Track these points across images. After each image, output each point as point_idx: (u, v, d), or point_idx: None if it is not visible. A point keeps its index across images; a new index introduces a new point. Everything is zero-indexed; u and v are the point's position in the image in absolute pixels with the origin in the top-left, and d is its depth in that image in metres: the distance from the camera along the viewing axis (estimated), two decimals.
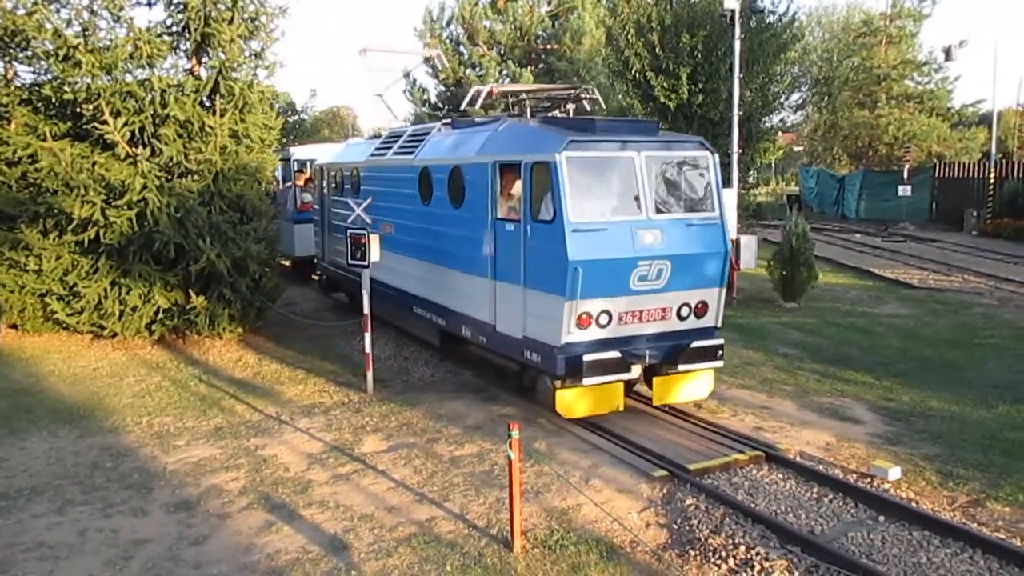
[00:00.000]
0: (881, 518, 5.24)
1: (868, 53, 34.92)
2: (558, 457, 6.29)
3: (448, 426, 7.13)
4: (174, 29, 10.62)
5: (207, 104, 10.61)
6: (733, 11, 16.18)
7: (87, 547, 5.05)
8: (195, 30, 10.34)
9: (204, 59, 10.87)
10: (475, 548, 4.90)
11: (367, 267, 8.26)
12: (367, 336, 8.33)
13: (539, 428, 7.01)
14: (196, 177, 10.25)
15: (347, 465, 6.29)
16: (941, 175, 28.53)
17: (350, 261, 8.30)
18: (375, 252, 8.10)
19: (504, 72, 31.50)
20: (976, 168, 27.36)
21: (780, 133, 25.41)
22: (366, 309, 8.47)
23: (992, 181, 25.61)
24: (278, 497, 5.72)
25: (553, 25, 32.12)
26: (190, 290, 10.20)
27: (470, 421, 7.25)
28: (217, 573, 4.72)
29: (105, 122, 9.72)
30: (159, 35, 10.42)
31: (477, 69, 31.84)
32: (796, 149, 41.47)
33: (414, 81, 33.50)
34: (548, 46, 32.39)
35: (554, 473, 5.82)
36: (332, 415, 7.54)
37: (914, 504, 5.43)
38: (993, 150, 26.85)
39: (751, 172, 21.56)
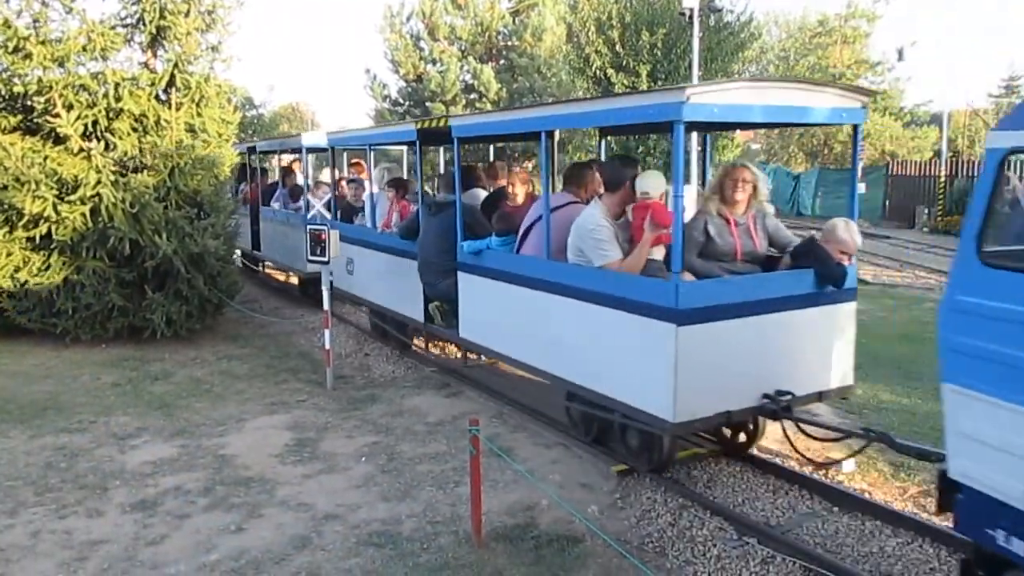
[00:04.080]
0: (835, 509, 5.35)
1: (824, 53, 35.55)
2: (520, 452, 6.33)
3: (411, 423, 7.13)
4: (128, 21, 10.42)
5: (163, 98, 10.45)
6: (692, 10, 16.38)
7: (40, 549, 4.96)
8: (150, 22, 10.16)
9: (159, 52, 10.70)
10: (439, 545, 4.91)
11: (327, 263, 8.22)
12: (327, 333, 8.28)
13: (502, 424, 7.04)
14: (152, 172, 10.08)
15: (309, 464, 6.25)
16: (894, 173, 29.16)
17: (310, 257, 8.24)
18: (334, 248, 8.05)
19: (465, 68, 31.48)
20: (927, 167, 28.02)
21: (738, 131, 25.70)
22: (326, 305, 8.43)
23: (943, 179, 26.25)
24: (239, 497, 5.67)
25: (514, 21, 32.14)
26: (145, 287, 10.05)
27: (433, 417, 7.25)
28: (175, 573, 4.67)
29: (57, 115, 9.53)
30: (113, 27, 10.22)
31: (438, 65, 31.78)
32: (754, 147, 42.05)
33: (374, 77, 33.31)
34: (509, 42, 32.41)
35: (516, 468, 5.85)
36: (293, 413, 7.49)
37: (867, 495, 5.56)
38: (944, 149, 27.52)
39: (709, 169, 21.79)
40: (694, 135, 16.59)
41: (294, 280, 14.56)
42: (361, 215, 10.37)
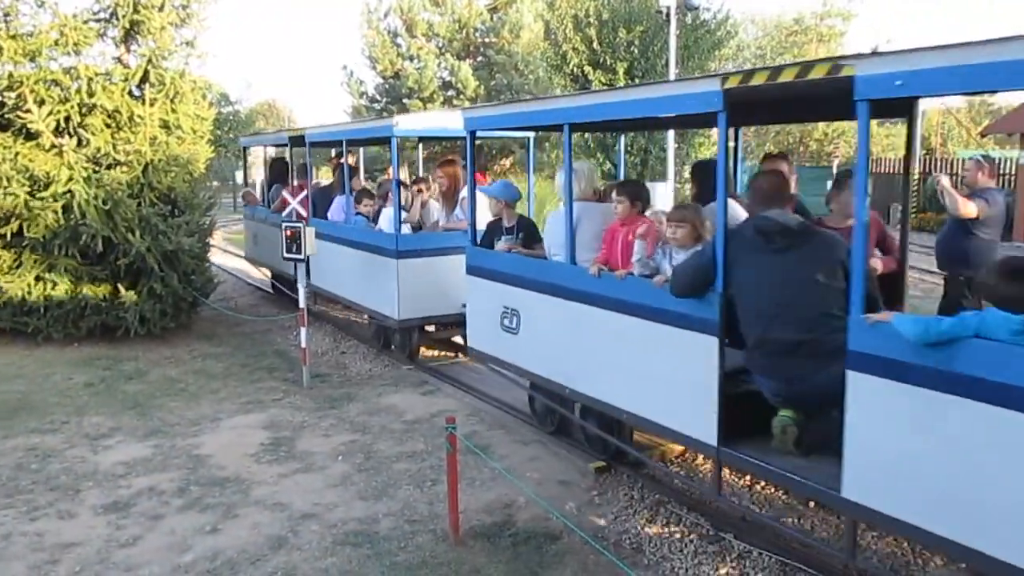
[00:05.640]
0: (812, 504, 5.38)
1: (800, 51, 35.79)
2: (498, 450, 6.32)
3: (388, 421, 7.10)
4: (102, 16, 10.27)
5: (137, 93, 10.32)
6: (669, 7, 16.44)
7: (10, 551, 4.88)
8: (124, 17, 10.03)
9: (133, 47, 10.55)
10: (416, 543, 4.89)
11: (304, 260, 8.18)
12: (303, 331, 8.23)
13: (480, 421, 7.02)
14: (125, 168, 9.95)
15: (286, 463, 6.21)
16: (869, 171, 29.38)
17: (285, 255, 8.19)
18: (310, 245, 8.01)
19: (443, 65, 31.38)
20: (901, 164, 28.29)
21: (713, 129, 25.85)
22: (302, 303, 8.38)
23: (916, 177, 26.51)
24: (215, 497, 5.61)
25: (492, 18, 32.07)
26: (119, 285, 9.92)
27: (410, 416, 7.23)
28: (149, 575, 4.62)
29: (29, 111, 9.38)
30: (86, 21, 10.06)
31: (415, 61, 31.63)
32: (729, 144, 42.27)
33: (351, 73, 33.14)
34: (487, 39, 32.33)
35: (494, 466, 5.84)
36: (269, 412, 7.43)
37: None
38: (918, 147, 27.80)
39: (686, 165, 21.89)
40: (670, 131, 16.70)
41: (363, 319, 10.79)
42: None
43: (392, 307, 8.60)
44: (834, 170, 27.86)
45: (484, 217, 7.31)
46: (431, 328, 9.34)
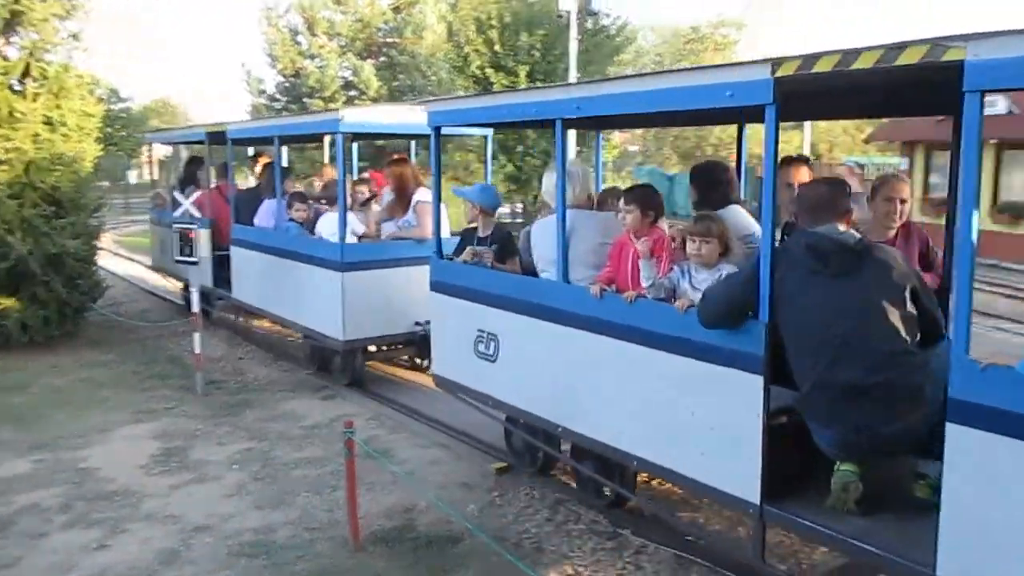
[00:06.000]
0: (706, 499, 5.54)
1: (696, 59, 36.87)
2: (399, 454, 6.29)
3: (286, 427, 6.97)
4: None
5: (18, 88, 9.81)
6: (569, 12, 16.69)
7: None
8: (3, 6, 9.52)
9: (13, 39, 10.03)
10: (315, 551, 4.82)
11: (196, 263, 7.95)
12: (197, 336, 7.99)
13: (381, 425, 6.97)
14: (5, 167, 9.44)
15: (178, 474, 6.01)
16: (761, 175, 30.53)
17: (177, 257, 7.92)
18: (204, 247, 7.78)
19: (344, 65, 30.98)
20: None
21: (616, 133, 26.37)
22: (195, 308, 8.14)
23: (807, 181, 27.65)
24: (102, 512, 5.39)
25: (395, 18, 31.84)
26: None
27: (309, 421, 7.11)
28: None
29: None
30: None
31: (317, 60, 31.12)
32: (631, 149, 43.21)
33: (249, 72, 32.35)
34: (390, 39, 32.08)
35: (395, 470, 5.81)
36: (161, 421, 7.18)
37: None
38: (808, 152, 29.04)
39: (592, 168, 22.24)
40: (572, 133, 16.89)
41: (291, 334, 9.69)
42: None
43: (336, 326, 7.64)
44: None
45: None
46: (373, 348, 8.38)
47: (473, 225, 6.15)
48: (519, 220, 19.21)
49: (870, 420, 3.45)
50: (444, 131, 6.20)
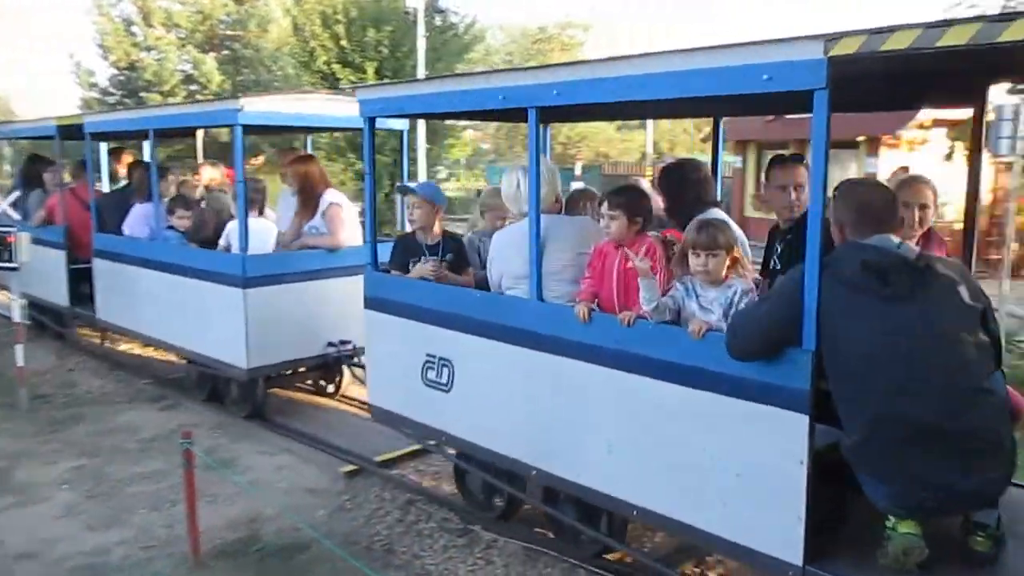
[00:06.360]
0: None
1: (544, 58, 37.63)
2: (243, 462, 6.10)
3: (122, 441, 6.60)
4: None
5: None
6: (416, 9, 16.65)
7: None
8: None
9: None
10: (153, 570, 4.60)
11: (17, 269, 7.40)
12: (19, 348, 7.43)
13: (223, 434, 6.73)
14: None
15: (0, 498, 5.59)
16: (607, 173, 31.62)
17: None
18: (24, 252, 7.24)
19: (185, 58, 29.63)
20: (636, 167, 30.67)
21: (467, 130, 26.56)
22: (16, 317, 7.57)
23: (648, 178, 28.84)
24: None
25: (238, 10, 30.73)
26: None
27: (147, 433, 6.77)
28: None
29: None
30: None
31: (154, 53, 29.60)
32: (484, 146, 43.62)
33: (79, 63, 30.38)
34: (232, 32, 30.94)
35: (239, 479, 5.64)
36: None
37: None
38: (650, 151, 30.23)
39: (438, 167, 22.30)
40: (421, 127, 16.94)
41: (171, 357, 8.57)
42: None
43: (237, 352, 6.65)
44: (577, 171, 29.63)
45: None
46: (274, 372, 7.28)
47: (410, 231, 5.35)
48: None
49: (945, 474, 2.88)
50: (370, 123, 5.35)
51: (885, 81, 3.78)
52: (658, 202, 4.94)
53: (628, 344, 3.79)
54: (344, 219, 7.01)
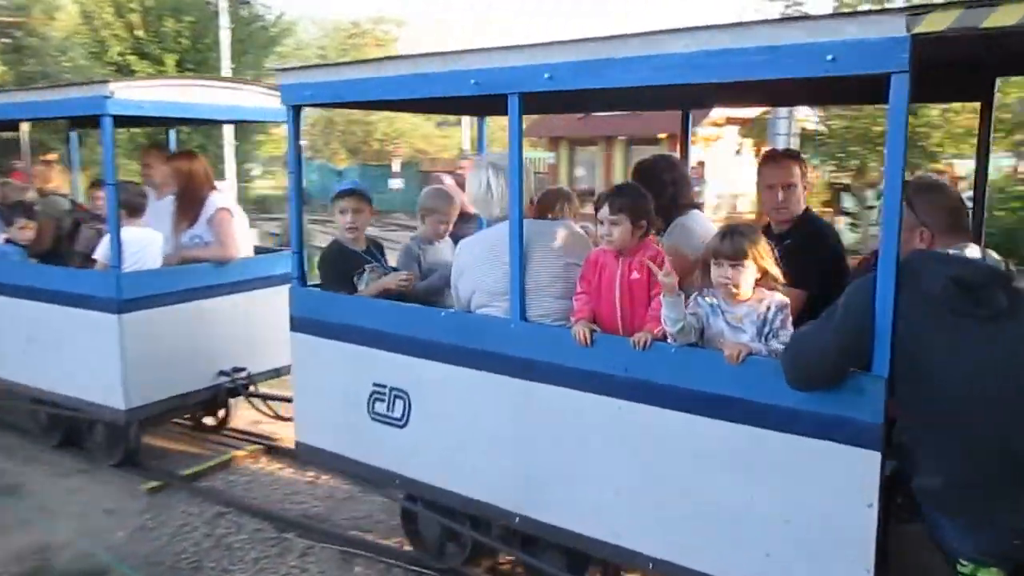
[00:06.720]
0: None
1: (359, 52, 37.17)
2: (32, 487, 5.64)
3: None
4: None
5: None
6: None
7: None
8: None
9: None
10: None
11: None
12: None
13: (10, 457, 6.17)
14: None
15: None
16: (425, 170, 31.68)
17: None
18: None
19: None
20: (454, 164, 31.00)
21: (283, 125, 25.74)
22: None
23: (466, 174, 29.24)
24: None
25: None
26: None
27: None
28: None
29: None
30: None
31: None
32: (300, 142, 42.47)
33: None
34: (14, 19, 28.37)
35: (27, 506, 5.20)
36: None
37: None
38: (467, 147, 30.58)
39: (247, 165, 21.49)
40: (228, 129, 16.11)
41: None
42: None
43: (112, 391, 5.48)
44: (395, 168, 29.52)
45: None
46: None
47: (339, 238, 4.66)
48: None
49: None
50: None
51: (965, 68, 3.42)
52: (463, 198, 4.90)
53: (642, 371, 3.24)
54: (235, 226, 6.14)
